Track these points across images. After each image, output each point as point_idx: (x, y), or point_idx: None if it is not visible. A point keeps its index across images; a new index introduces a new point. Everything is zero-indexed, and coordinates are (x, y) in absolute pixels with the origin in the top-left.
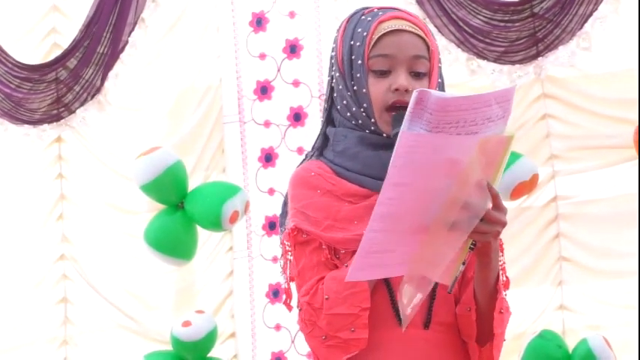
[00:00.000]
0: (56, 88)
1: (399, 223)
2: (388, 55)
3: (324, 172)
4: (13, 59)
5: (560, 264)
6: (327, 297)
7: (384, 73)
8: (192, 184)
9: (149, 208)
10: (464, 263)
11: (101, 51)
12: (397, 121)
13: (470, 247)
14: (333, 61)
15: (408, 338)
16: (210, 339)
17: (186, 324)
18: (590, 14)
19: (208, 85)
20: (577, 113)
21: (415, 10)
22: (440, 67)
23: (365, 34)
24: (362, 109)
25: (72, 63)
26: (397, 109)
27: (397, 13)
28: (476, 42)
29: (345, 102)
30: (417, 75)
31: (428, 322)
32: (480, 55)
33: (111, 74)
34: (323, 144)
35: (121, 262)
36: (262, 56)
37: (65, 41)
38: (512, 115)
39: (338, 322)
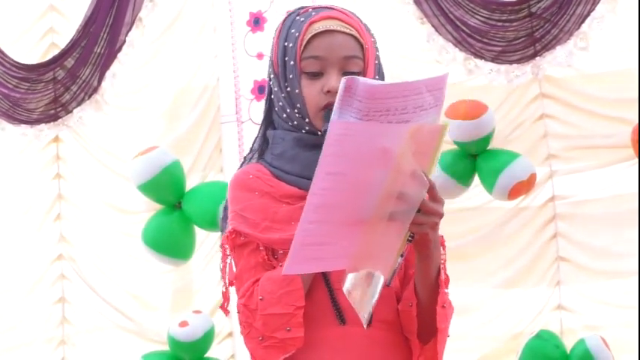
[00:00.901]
0: (54, 87)
1: (335, 214)
2: (319, 56)
3: (263, 174)
4: (11, 59)
5: (558, 264)
6: (261, 297)
7: (316, 75)
8: (189, 184)
9: (147, 208)
10: (402, 255)
11: (98, 51)
12: (329, 117)
13: (408, 239)
14: (270, 62)
15: (349, 336)
16: (207, 339)
17: (184, 324)
18: (588, 14)
19: (205, 85)
20: (574, 113)
21: (412, 9)
22: (377, 64)
23: (297, 34)
24: (296, 110)
25: (69, 63)
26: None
27: (330, 12)
28: (473, 42)
29: (280, 103)
30: (349, 75)
31: (369, 319)
32: (478, 55)
33: (108, 74)
34: (263, 146)
35: (118, 262)
36: (260, 56)
37: (63, 41)
38: (510, 115)
39: (273, 322)
